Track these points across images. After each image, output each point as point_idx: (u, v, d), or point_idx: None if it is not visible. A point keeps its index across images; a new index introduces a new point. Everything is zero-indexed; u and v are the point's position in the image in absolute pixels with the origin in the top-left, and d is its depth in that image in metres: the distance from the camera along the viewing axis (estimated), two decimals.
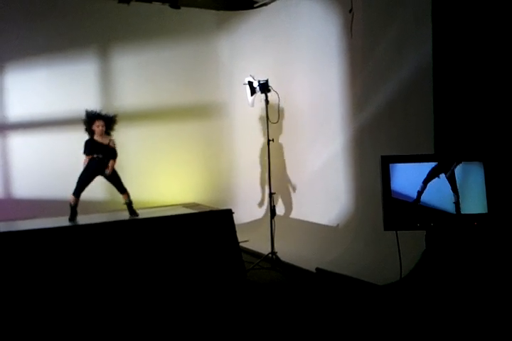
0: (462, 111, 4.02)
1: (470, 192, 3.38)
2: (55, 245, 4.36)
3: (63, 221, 4.80)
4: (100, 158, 4.85)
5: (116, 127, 4.99)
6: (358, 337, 3.47)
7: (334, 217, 5.71)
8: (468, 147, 3.91)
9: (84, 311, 4.09)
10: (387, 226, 3.45)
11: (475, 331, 3.29)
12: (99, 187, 4.96)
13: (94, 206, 5.68)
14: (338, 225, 5.64)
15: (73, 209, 4.85)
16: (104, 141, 4.89)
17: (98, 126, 4.84)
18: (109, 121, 4.95)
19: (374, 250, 4.97)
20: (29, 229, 4.45)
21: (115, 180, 4.97)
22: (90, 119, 4.87)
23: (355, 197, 5.53)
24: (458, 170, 3.40)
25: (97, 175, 4.91)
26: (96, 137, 4.88)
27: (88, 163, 4.86)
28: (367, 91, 5.31)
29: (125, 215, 5.04)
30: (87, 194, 4.96)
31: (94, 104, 5.13)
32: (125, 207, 5.07)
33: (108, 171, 4.86)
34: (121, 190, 5.02)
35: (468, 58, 3.97)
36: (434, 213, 3.39)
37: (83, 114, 4.89)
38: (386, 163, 3.44)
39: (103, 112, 4.95)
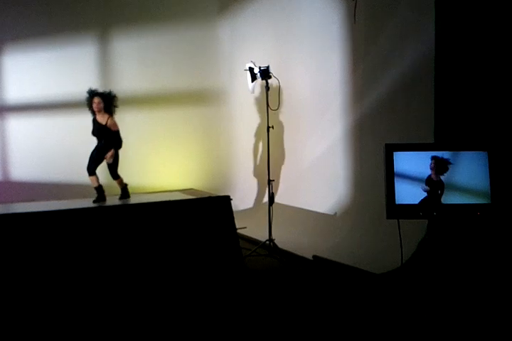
0: (463, 101, 4.00)
1: (473, 182, 3.37)
2: (52, 228, 4.35)
3: (61, 204, 4.79)
4: (103, 144, 4.86)
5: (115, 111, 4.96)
6: (354, 324, 3.49)
7: (332, 205, 5.71)
8: (469, 137, 3.90)
9: (80, 294, 4.10)
10: (390, 215, 3.44)
11: (473, 325, 3.31)
12: (100, 172, 4.94)
13: (92, 190, 5.67)
14: (336, 213, 5.65)
15: (98, 190, 4.88)
16: (103, 120, 4.86)
17: (95, 103, 4.83)
18: (107, 98, 4.91)
19: (371, 238, 4.99)
20: (27, 211, 4.43)
21: (112, 164, 4.94)
22: (89, 98, 4.87)
23: (354, 185, 5.53)
24: (462, 160, 3.39)
25: (103, 155, 4.90)
26: (97, 117, 4.87)
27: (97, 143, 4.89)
28: (368, 79, 5.29)
29: (123, 200, 5.04)
30: (85, 178, 4.95)
31: (93, 88, 5.11)
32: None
33: (106, 159, 4.87)
34: (114, 175, 5.01)
35: (470, 47, 3.95)
36: (436, 202, 3.39)
37: (82, 97, 4.86)
38: (390, 151, 3.41)
39: (101, 90, 4.92)
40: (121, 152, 4.93)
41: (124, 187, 5.09)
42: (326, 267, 4.79)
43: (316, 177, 6.06)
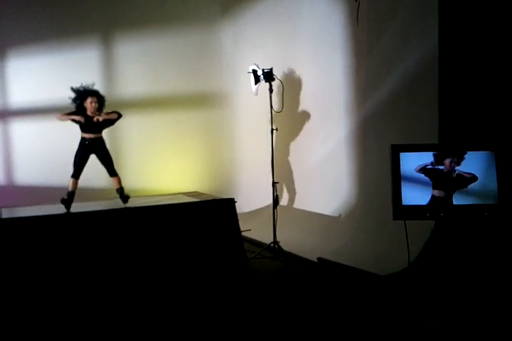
0: (468, 102, 4.00)
1: (481, 182, 3.36)
2: (57, 232, 4.35)
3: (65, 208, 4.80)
4: (91, 139, 4.75)
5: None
6: (360, 326, 3.48)
7: (336, 207, 5.70)
8: (474, 138, 3.89)
9: (85, 299, 4.10)
10: (397, 216, 3.42)
11: (480, 326, 3.29)
12: (101, 174, 4.95)
13: (96, 193, 5.68)
14: (340, 215, 5.63)
15: (72, 195, 4.74)
16: (96, 115, 4.72)
17: (91, 103, 4.66)
18: (102, 99, 4.79)
19: (376, 240, 4.97)
20: (31, 215, 4.45)
21: (107, 161, 4.85)
22: (84, 95, 4.67)
23: (358, 187, 5.52)
24: (469, 160, 3.38)
25: (90, 154, 4.79)
26: (88, 113, 4.72)
27: (80, 143, 4.78)
28: (371, 81, 5.27)
29: (127, 203, 5.04)
30: (89, 181, 4.95)
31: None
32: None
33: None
34: (112, 172, 4.89)
35: (474, 48, 3.95)
36: (443, 203, 3.37)
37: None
38: (396, 151, 3.41)
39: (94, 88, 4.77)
40: (124, 155, 4.94)
41: (120, 188, 4.95)
42: (331, 269, 4.78)
43: (320, 179, 6.04)
